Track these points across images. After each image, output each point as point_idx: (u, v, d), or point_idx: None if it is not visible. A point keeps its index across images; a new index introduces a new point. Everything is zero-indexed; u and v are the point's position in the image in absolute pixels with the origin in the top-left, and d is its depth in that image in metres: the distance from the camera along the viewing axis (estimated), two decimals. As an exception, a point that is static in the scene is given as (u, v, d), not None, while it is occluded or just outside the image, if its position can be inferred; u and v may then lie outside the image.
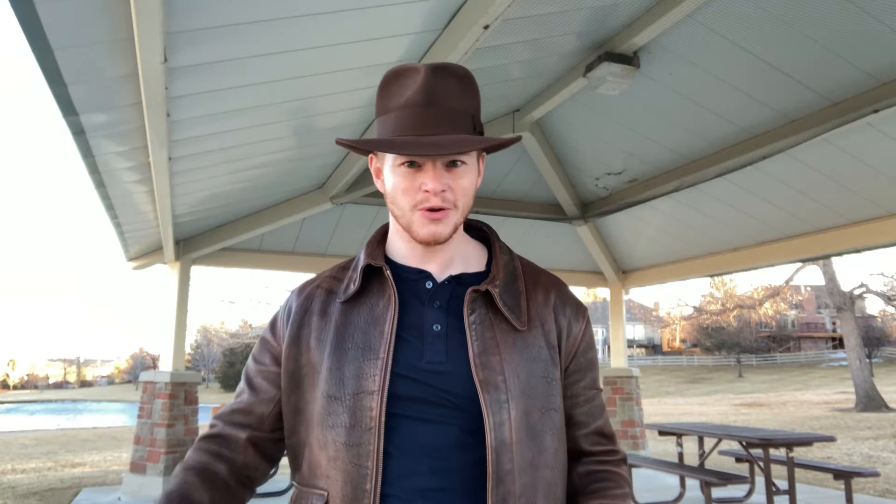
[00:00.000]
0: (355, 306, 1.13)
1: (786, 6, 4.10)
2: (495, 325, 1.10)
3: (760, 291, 34.48)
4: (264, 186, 5.96)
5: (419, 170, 1.07)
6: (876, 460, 9.76)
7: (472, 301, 1.10)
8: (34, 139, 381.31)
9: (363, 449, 1.03)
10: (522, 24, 4.09)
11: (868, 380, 21.36)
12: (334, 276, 1.21)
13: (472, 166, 1.11)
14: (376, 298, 1.13)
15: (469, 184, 1.11)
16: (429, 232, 1.08)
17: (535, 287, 1.18)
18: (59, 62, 2.79)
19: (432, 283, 1.14)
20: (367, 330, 1.09)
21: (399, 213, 1.11)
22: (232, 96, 3.71)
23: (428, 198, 1.07)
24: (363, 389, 1.05)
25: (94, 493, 7.23)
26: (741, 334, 47.23)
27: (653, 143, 6.17)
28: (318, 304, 1.17)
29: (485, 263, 1.20)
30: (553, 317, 1.16)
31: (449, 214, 1.09)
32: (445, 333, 1.09)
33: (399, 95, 1.09)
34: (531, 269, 1.22)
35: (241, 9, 2.81)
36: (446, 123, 1.07)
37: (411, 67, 1.11)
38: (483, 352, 1.07)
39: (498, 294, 1.11)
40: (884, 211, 5.63)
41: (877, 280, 53.43)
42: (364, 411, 1.04)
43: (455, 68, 1.12)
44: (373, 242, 1.20)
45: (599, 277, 9.09)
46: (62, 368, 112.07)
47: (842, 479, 5.66)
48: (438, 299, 1.12)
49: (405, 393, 1.05)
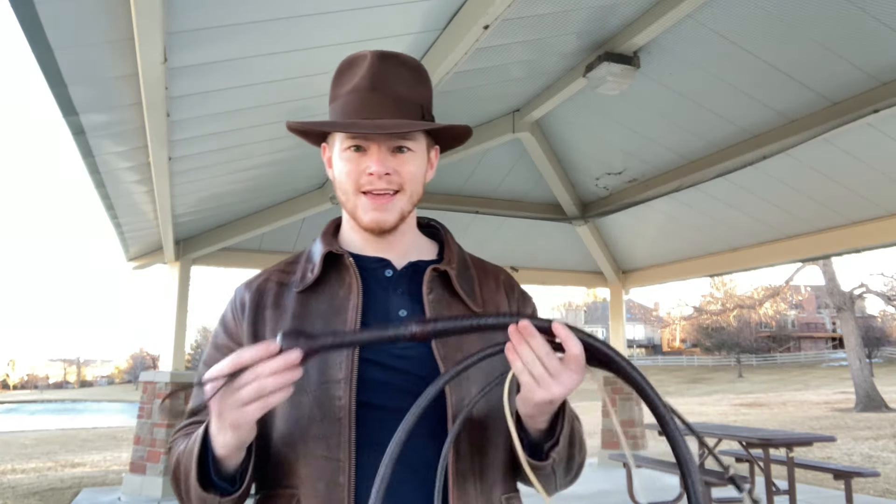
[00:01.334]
0: (313, 296, 1.09)
1: (786, 6, 4.10)
2: (452, 306, 1.10)
3: (760, 291, 34.50)
4: (264, 186, 5.96)
5: (364, 154, 1.07)
6: (876, 460, 9.76)
7: (430, 280, 1.11)
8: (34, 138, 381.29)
9: (333, 440, 0.99)
10: (522, 24, 4.09)
11: (868, 380, 21.35)
12: (283, 270, 1.17)
13: (419, 154, 1.11)
14: (336, 287, 1.10)
15: (416, 170, 1.10)
16: (372, 218, 1.08)
17: (486, 275, 1.20)
18: (59, 62, 2.79)
19: (392, 271, 1.13)
20: (328, 319, 1.06)
21: (345, 198, 1.10)
22: (232, 96, 3.71)
23: (372, 181, 1.06)
24: (329, 378, 1.01)
25: (94, 493, 7.23)
26: (741, 334, 47.24)
27: (653, 143, 6.17)
28: (270, 298, 1.12)
29: (437, 254, 1.20)
30: (506, 300, 1.18)
31: (394, 200, 1.08)
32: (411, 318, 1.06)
33: (348, 82, 1.09)
34: (479, 262, 1.23)
35: (241, 9, 2.81)
36: (392, 108, 1.06)
37: (361, 55, 1.11)
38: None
39: (454, 275, 1.12)
40: (884, 211, 5.62)
41: (877, 280, 53.54)
42: (332, 401, 1.00)
43: (405, 58, 1.12)
44: (327, 234, 1.18)
45: (599, 277, 9.08)
46: (62, 368, 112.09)
47: (842, 479, 5.67)
48: (400, 286, 1.11)
49: (376, 378, 1.02)
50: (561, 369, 0.88)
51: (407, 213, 1.11)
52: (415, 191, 1.11)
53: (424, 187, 1.15)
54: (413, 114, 1.08)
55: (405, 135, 1.07)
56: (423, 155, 1.13)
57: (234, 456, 0.95)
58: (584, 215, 7.70)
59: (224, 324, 1.15)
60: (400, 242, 1.15)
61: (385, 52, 1.11)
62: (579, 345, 0.88)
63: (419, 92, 1.11)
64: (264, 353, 0.84)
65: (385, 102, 1.06)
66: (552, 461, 0.99)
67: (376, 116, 1.05)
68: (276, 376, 0.84)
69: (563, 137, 6.71)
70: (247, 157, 4.90)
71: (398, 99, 1.07)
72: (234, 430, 0.90)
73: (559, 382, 0.89)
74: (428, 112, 1.12)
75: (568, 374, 0.89)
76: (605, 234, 8.38)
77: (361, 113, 1.05)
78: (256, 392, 0.84)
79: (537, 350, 0.88)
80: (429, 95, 1.14)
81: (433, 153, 1.17)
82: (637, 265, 8.72)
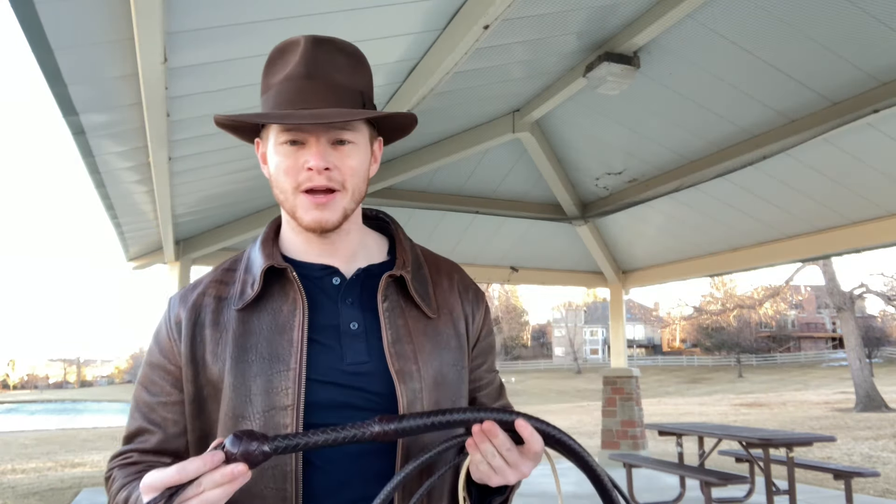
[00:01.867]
0: (254, 313, 1.01)
1: (786, 6, 4.10)
2: (406, 312, 1.04)
3: (760, 291, 34.54)
4: (264, 186, 5.95)
5: (302, 147, 0.98)
6: (876, 460, 9.76)
7: (385, 287, 1.03)
8: (35, 138, 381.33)
9: (279, 471, 0.93)
10: (522, 24, 4.09)
11: (868, 380, 21.35)
12: (220, 280, 1.08)
13: (361, 147, 1.02)
14: (279, 302, 1.01)
15: (358, 164, 1.01)
16: (313, 218, 0.99)
17: (439, 274, 1.12)
18: (59, 62, 2.79)
19: (340, 279, 1.05)
20: (271, 339, 0.98)
21: (283, 197, 1.01)
22: (232, 96, 3.71)
23: (311, 176, 0.98)
24: (275, 405, 0.95)
25: (94, 493, 7.23)
26: (741, 334, 47.28)
27: (653, 143, 6.17)
28: (208, 315, 1.03)
29: (387, 252, 1.12)
30: (459, 303, 1.11)
31: (336, 198, 1.00)
32: (364, 331, 1.01)
33: (281, 70, 1.01)
34: (431, 257, 1.15)
35: (241, 9, 2.81)
36: (331, 97, 0.98)
37: (294, 41, 1.03)
38: (396, 340, 1.00)
39: (410, 280, 1.05)
40: (884, 211, 5.63)
41: (877, 280, 53.55)
42: (277, 429, 0.94)
43: (342, 43, 1.04)
44: (267, 240, 1.08)
45: (599, 277, 9.08)
46: (62, 368, 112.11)
47: (842, 479, 5.66)
48: (350, 296, 1.04)
49: (327, 400, 0.96)
50: (519, 460, 0.89)
51: (350, 211, 1.03)
52: (357, 187, 1.02)
53: (368, 182, 1.07)
54: (353, 102, 1.00)
55: (345, 126, 0.99)
56: (366, 147, 1.04)
57: None
58: (584, 215, 7.70)
59: (158, 342, 1.06)
60: (345, 243, 1.07)
61: (319, 36, 1.03)
62: (540, 441, 0.89)
63: (359, 79, 1.03)
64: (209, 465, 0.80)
65: (322, 90, 0.98)
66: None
67: (313, 106, 0.97)
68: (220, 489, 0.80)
69: (563, 137, 6.71)
70: (247, 157, 4.89)
71: (336, 86, 0.99)
72: None
73: (516, 471, 0.90)
74: (369, 100, 1.04)
75: (526, 463, 0.90)
76: (605, 234, 8.38)
77: (297, 103, 0.97)
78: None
79: (499, 447, 0.88)
80: (369, 82, 1.06)
81: (377, 145, 1.09)
82: (637, 265, 8.72)
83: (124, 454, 1.04)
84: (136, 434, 1.04)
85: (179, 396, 1.02)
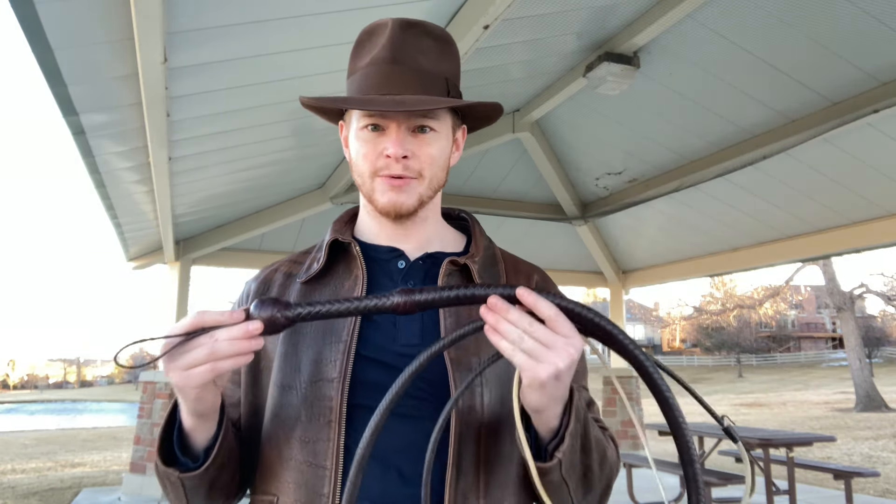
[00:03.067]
0: (318, 287, 1.01)
1: (786, 6, 4.10)
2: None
3: (760, 291, 34.54)
4: (264, 186, 5.96)
5: (382, 133, 0.97)
6: (876, 460, 9.76)
7: (447, 274, 1.00)
8: (35, 139, 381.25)
9: (320, 446, 0.90)
10: (522, 24, 4.09)
11: (868, 380, 21.36)
12: (295, 260, 1.09)
13: (443, 135, 1.00)
14: (342, 278, 1.01)
15: (438, 152, 0.99)
16: (389, 200, 0.98)
17: (517, 274, 1.09)
18: (59, 62, 2.79)
19: (405, 262, 1.03)
20: None
21: (360, 181, 1.01)
22: (232, 96, 3.71)
23: (389, 164, 0.96)
24: (321, 376, 0.93)
25: (94, 493, 7.23)
26: (741, 334, 47.25)
27: (653, 143, 6.17)
28: (276, 288, 1.04)
29: (463, 246, 1.09)
30: None
31: (412, 184, 0.98)
32: (421, 315, 0.97)
33: (367, 53, 0.99)
34: (511, 258, 1.12)
35: (241, 9, 2.81)
36: (415, 83, 0.96)
37: (382, 23, 1.00)
38: (456, 327, 0.95)
39: (477, 270, 1.01)
40: (884, 211, 5.62)
41: (877, 280, 53.55)
42: (322, 401, 0.91)
43: (431, 27, 1.01)
44: (340, 221, 1.10)
45: (599, 277, 9.08)
46: (62, 368, 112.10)
47: (842, 479, 5.67)
48: (413, 279, 1.01)
49: (374, 380, 0.91)
50: (554, 337, 0.78)
51: (427, 198, 1.01)
52: (436, 176, 1.00)
53: (448, 172, 1.04)
54: (437, 89, 0.98)
55: (427, 113, 0.97)
56: (448, 135, 1.02)
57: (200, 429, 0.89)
58: (584, 215, 7.70)
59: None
60: (419, 231, 1.05)
61: (408, 19, 1.00)
62: (551, 306, 0.79)
63: (445, 65, 1.00)
64: (228, 319, 0.79)
65: (406, 76, 0.96)
66: (559, 464, 0.85)
67: (396, 92, 0.95)
68: (233, 342, 0.78)
69: (563, 137, 6.71)
70: (247, 157, 4.90)
71: (421, 72, 0.97)
72: (182, 395, 0.84)
73: (557, 352, 0.78)
74: (454, 88, 1.01)
75: (563, 340, 0.78)
76: (605, 234, 8.38)
77: (380, 88, 0.95)
78: (207, 355, 0.78)
79: (519, 323, 0.78)
80: (456, 69, 1.03)
81: (460, 133, 1.06)
82: (637, 265, 8.72)
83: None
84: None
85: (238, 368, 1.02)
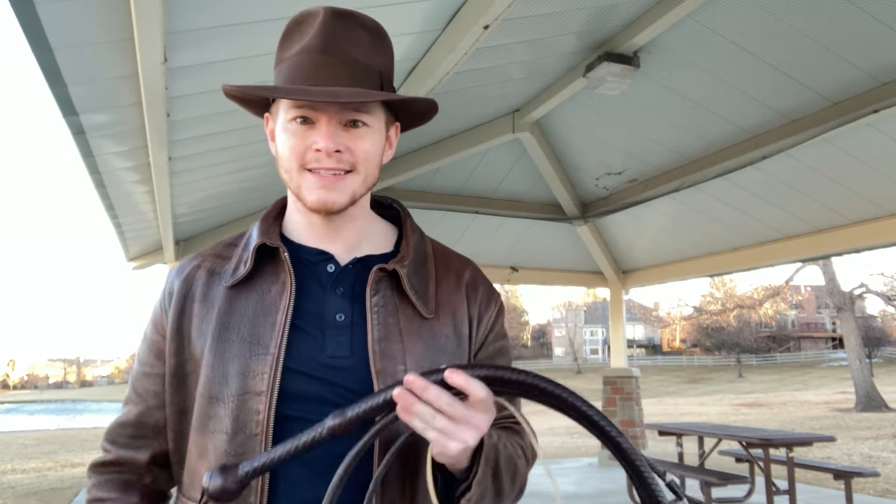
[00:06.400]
0: (243, 292, 0.97)
1: (786, 6, 4.11)
2: (400, 310, 0.97)
3: (760, 291, 34.55)
4: (264, 186, 5.96)
5: (312, 127, 0.93)
6: (876, 460, 9.76)
7: (376, 281, 0.97)
8: (35, 138, 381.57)
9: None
10: (522, 24, 4.09)
11: (868, 380, 21.36)
12: (218, 255, 1.04)
13: (376, 130, 0.96)
14: (269, 283, 0.97)
15: (371, 147, 0.95)
16: (318, 198, 0.94)
17: (447, 271, 1.05)
18: (59, 62, 2.79)
19: (335, 266, 1.00)
20: (255, 320, 0.95)
21: (287, 176, 0.96)
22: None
23: (319, 158, 0.92)
24: (249, 389, 0.91)
25: (94, 493, 7.21)
26: (741, 334, 47.27)
27: (653, 143, 6.17)
28: (199, 288, 1.00)
29: (394, 244, 1.06)
30: (465, 304, 1.03)
31: (345, 180, 0.94)
32: (350, 324, 0.95)
33: (297, 42, 0.95)
34: (442, 252, 1.08)
35: (241, 9, 2.81)
36: (347, 75, 0.92)
37: (312, 11, 0.96)
38: (384, 338, 0.94)
39: (406, 275, 0.98)
40: (884, 211, 5.62)
41: (877, 280, 53.46)
42: (249, 415, 0.90)
43: (364, 18, 0.98)
44: (268, 218, 1.04)
45: (599, 277, 9.08)
46: (62, 368, 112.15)
47: (842, 479, 5.66)
48: (342, 285, 0.98)
49: (301, 391, 0.91)
50: (468, 414, 0.78)
51: (359, 195, 0.97)
52: (370, 172, 0.97)
53: (381, 169, 1.00)
54: (371, 82, 0.94)
55: (361, 107, 0.93)
56: (381, 132, 0.98)
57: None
58: (584, 215, 7.70)
59: (153, 313, 1.04)
60: (349, 229, 1.02)
61: (340, 9, 0.96)
62: (482, 386, 0.77)
63: (379, 57, 0.97)
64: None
65: (339, 67, 0.92)
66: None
67: (328, 83, 0.90)
68: None
69: (563, 137, 6.71)
70: (247, 157, 4.89)
71: (354, 64, 0.93)
72: None
73: (469, 428, 0.78)
74: (388, 82, 0.98)
75: (477, 416, 0.79)
76: (605, 234, 8.38)
77: (310, 78, 0.91)
78: None
79: (436, 403, 0.77)
80: (389, 63, 1.00)
81: (393, 130, 1.02)
82: (637, 265, 8.72)
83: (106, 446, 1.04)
84: (124, 404, 1.04)
85: (162, 369, 1.00)
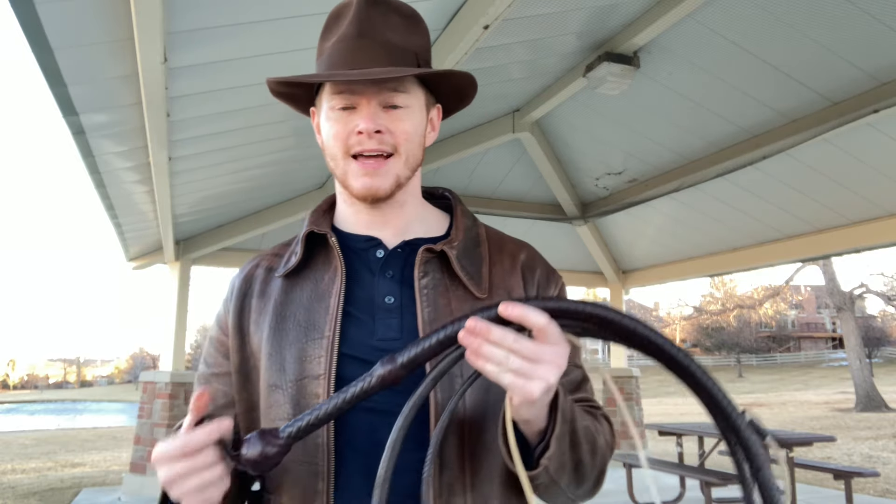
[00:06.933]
0: (298, 281, 0.99)
1: (786, 6, 4.11)
2: (451, 290, 0.96)
3: (760, 291, 34.55)
4: (264, 186, 5.96)
5: (353, 112, 0.94)
6: (876, 460, 9.76)
7: (424, 262, 0.97)
8: (35, 138, 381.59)
9: (310, 443, 0.88)
10: (522, 24, 4.09)
11: (868, 380, 21.36)
12: (276, 253, 1.07)
13: (416, 110, 0.97)
14: (321, 271, 0.99)
15: (412, 128, 0.96)
16: (363, 185, 0.95)
17: (501, 253, 1.05)
18: (59, 62, 2.80)
19: (383, 251, 1.00)
20: (310, 307, 0.96)
21: (333, 164, 0.98)
22: (232, 96, 3.71)
23: (361, 140, 0.93)
24: (307, 374, 0.91)
25: (94, 493, 7.23)
26: (741, 334, 47.24)
27: (653, 143, 6.17)
28: (257, 285, 1.03)
29: (446, 229, 1.05)
30: (522, 285, 1.02)
31: (388, 164, 0.95)
32: (400, 306, 0.95)
33: (335, 33, 0.97)
34: (497, 236, 1.08)
35: (241, 9, 2.81)
36: (381, 56, 0.93)
37: (347, 2, 0.98)
38: (434, 319, 0.93)
39: (455, 256, 0.97)
40: (884, 211, 5.63)
41: (877, 280, 53.47)
42: (309, 399, 0.90)
43: (397, 3, 1.00)
44: (318, 211, 1.06)
45: (599, 277, 9.08)
46: (62, 368, 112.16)
47: (842, 479, 5.66)
48: (391, 268, 0.98)
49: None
50: (541, 350, 0.74)
51: (404, 179, 0.98)
52: (412, 153, 0.97)
53: (424, 151, 1.01)
54: (406, 62, 0.95)
55: (398, 87, 0.94)
56: (422, 112, 0.99)
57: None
58: (584, 215, 7.70)
59: (217, 315, 1.07)
60: (398, 216, 1.02)
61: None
62: (540, 314, 0.74)
63: (414, 39, 0.98)
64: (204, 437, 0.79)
65: (374, 50, 0.94)
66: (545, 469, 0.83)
67: (365, 66, 0.92)
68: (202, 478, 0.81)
69: (563, 137, 6.71)
70: (247, 157, 4.90)
71: (389, 46, 0.95)
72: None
73: (547, 366, 0.74)
74: (425, 63, 0.99)
75: (550, 351, 0.75)
76: (605, 234, 8.38)
77: (348, 63, 0.93)
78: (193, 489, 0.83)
79: (503, 342, 0.74)
80: (425, 44, 1.00)
81: (434, 112, 1.03)
82: (637, 265, 8.72)
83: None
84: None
85: (228, 367, 1.01)
